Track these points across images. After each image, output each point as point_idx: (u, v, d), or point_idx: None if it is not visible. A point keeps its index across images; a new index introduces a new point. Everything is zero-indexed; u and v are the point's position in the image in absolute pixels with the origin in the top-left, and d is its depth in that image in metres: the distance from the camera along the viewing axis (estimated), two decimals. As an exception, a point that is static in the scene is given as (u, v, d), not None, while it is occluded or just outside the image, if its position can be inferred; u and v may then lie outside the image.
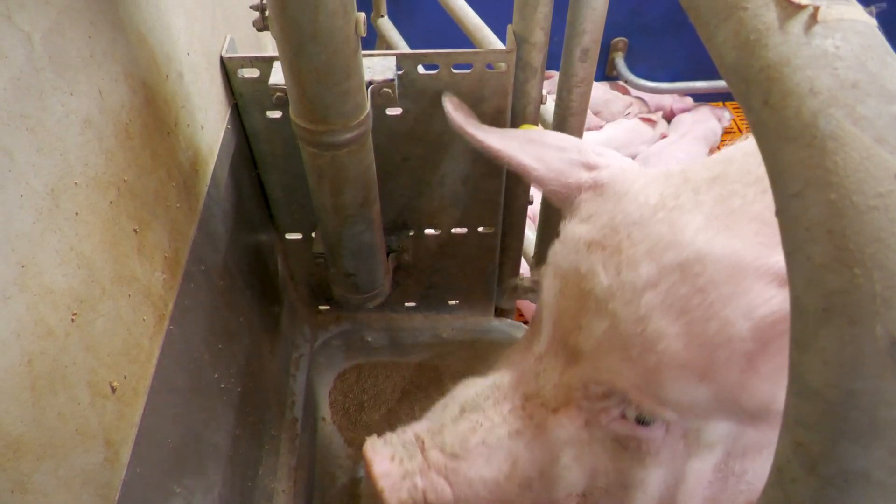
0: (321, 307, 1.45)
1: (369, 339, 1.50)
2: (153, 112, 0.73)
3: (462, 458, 0.68)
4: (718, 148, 2.50)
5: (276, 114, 1.02)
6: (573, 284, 0.65)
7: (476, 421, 0.69)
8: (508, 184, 1.19)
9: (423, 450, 0.71)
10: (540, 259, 1.28)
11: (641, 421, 0.61)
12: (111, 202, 0.63)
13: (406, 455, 0.71)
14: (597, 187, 0.70)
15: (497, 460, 0.67)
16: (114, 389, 0.61)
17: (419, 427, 0.73)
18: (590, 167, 0.72)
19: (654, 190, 0.63)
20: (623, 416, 0.62)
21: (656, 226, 0.60)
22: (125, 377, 0.64)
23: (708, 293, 0.54)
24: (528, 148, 0.78)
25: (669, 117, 2.53)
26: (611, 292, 0.61)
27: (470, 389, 0.74)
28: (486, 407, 0.70)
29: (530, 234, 1.34)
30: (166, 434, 0.72)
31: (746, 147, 0.62)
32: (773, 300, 0.52)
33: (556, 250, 0.68)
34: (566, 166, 0.74)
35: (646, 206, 0.62)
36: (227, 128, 0.97)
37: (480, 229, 1.26)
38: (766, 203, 0.56)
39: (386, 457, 0.70)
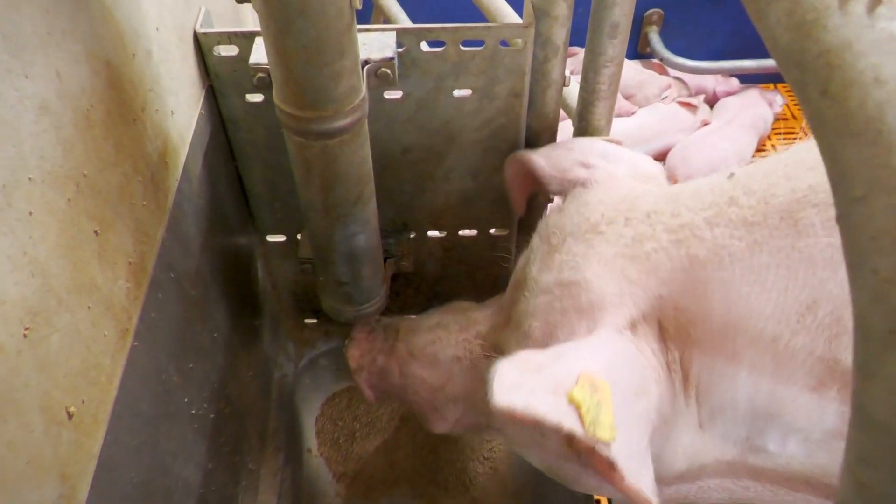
0: (307, 320, 1.46)
1: (363, 357, 1.51)
2: (118, 96, 0.74)
3: (416, 358, 1.02)
4: (769, 138, 2.50)
5: (258, 97, 1.03)
6: (527, 263, 0.90)
7: (439, 336, 1.03)
8: (525, 179, 1.20)
9: (395, 339, 1.06)
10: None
11: None
12: (69, 200, 0.63)
13: (383, 337, 1.08)
14: (585, 185, 0.91)
15: (438, 371, 1.00)
16: (70, 415, 0.62)
17: (404, 323, 1.09)
18: (587, 166, 0.92)
19: (604, 208, 0.85)
20: None
21: (577, 244, 0.82)
22: (83, 401, 0.64)
23: (570, 315, 0.78)
24: (543, 151, 0.99)
25: (712, 102, 2.53)
26: (530, 284, 0.85)
27: (451, 310, 1.08)
28: (451, 329, 1.04)
29: (550, 237, 1.34)
30: (129, 467, 0.73)
31: (700, 183, 0.81)
32: (578, 330, 0.77)
33: (536, 230, 0.93)
34: (569, 164, 0.94)
35: (585, 222, 0.84)
36: (200, 113, 0.98)
37: (492, 231, 1.26)
38: (670, 254, 0.75)
39: (366, 330, 1.09)
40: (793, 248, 0.69)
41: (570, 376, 0.66)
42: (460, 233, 1.27)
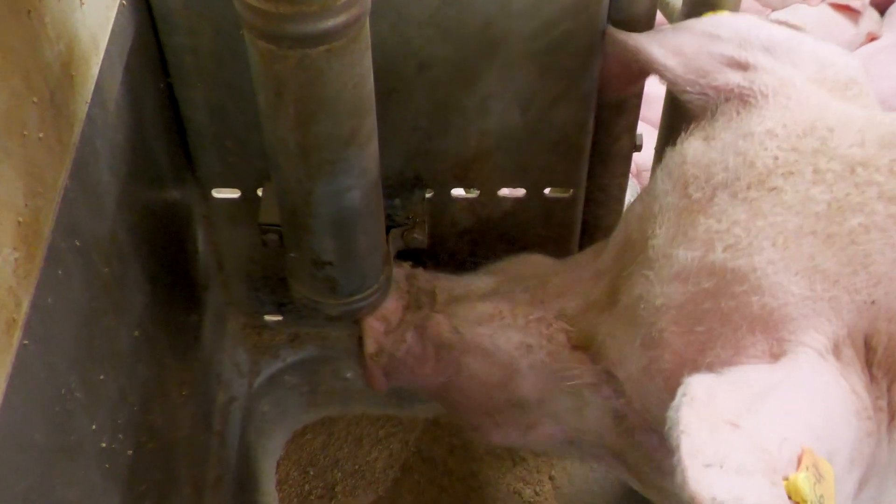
0: (268, 317, 1.47)
1: (349, 374, 1.51)
2: (4, -24, 0.75)
3: (464, 338, 0.99)
4: (969, 61, 2.46)
5: (205, -17, 1.03)
6: (647, 215, 0.88)
7: (500, 309, 1.00)
8: (601, 116, 1.20)
9: (431, 307, 1.03)
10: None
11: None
12: (-64, 128, 0.65)
13: (416, 302, 1.05)
14: (743, 99, 0.85)
15: (495, 363, 0.97)
16: (-66, 442, 0.63)
17: (443, 283, 1.06)
18: (745, 66, 0.87)
19: (777, 146, 0.80)
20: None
21: (735, 205, 0.78)
22: (-48, 423, 0.66)
23: (734, 324, 0.76)
24: (667, 37, 0.94)
25: (883, 6, 2.50)
26: (654, 258, 0.83)
27: (522, 267, 1.08)
28: (519, 300, 1.01)
29: (634, 204, 1.34)
30: (15, 520, 0.74)
31: None
32: (752, 349, 0.75)
33: (664, 164, 0.91)
34: (713, 64, 0.89)
35: (748, 167, 0.80)
36: (121, 5, 0.98)
37: (548, 191, 1.27)
38: (889, 236, 0.72)
39: (396, 295, 1.06)
40: None
41: (790, 450, 0.64)
42: (500, 193, 1.27)
